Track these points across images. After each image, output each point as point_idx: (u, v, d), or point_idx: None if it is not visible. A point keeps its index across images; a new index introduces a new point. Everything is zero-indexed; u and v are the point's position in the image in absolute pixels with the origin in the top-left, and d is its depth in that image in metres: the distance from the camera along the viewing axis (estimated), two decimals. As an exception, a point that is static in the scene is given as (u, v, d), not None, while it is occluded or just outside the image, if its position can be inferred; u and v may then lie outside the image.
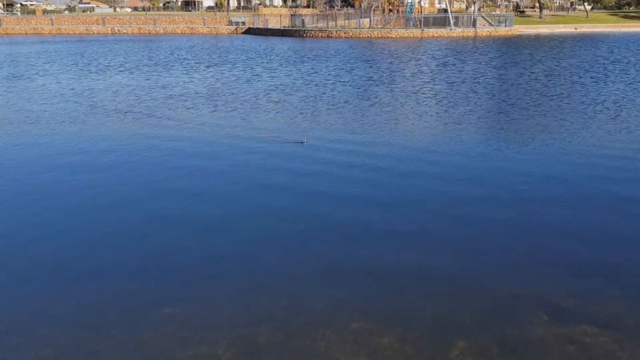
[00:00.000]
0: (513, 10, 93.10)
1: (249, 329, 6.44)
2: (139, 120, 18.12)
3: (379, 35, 64.17)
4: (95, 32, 77.31)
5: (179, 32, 78.36)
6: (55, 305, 6.95)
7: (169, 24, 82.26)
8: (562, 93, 22.92)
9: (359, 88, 24.71)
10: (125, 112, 19.35)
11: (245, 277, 7.61)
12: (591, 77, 27.61)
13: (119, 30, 78.00)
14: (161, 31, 78.23)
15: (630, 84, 25.55)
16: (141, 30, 78.11)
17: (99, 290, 7.32)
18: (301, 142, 14.42)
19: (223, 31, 79.24)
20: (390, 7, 79.88)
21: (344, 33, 65.50)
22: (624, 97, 21.65)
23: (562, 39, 52.38)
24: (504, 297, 7.08)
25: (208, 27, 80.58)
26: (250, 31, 78.36)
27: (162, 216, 9.73)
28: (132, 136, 15.76)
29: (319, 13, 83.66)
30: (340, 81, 27.23)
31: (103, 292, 7.25)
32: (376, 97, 22.17)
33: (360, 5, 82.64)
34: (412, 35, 64.15)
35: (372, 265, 7.94)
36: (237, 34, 76.41)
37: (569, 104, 20.40)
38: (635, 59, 36.56)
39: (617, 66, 32.34)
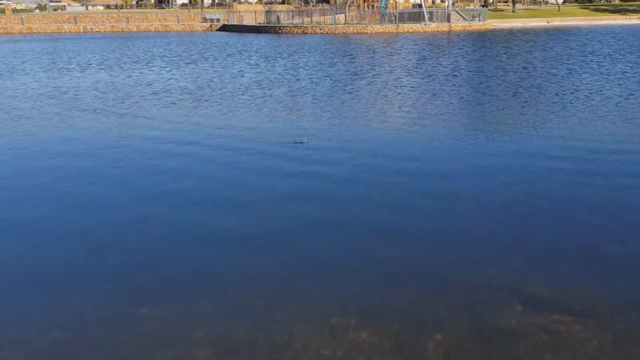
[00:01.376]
0: (482, 3, 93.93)
1: (228, 327, 6.44)
2: (127, 118, 17.91)
3: (355, 31, 64.29)
4: (67, 30, 76.07)
5: (153, 29, 77.58)
6: (31, 307, 6.87)
7: (142, 22, 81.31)
8: (540, 84, 23.21)
9: (341, 82, 24.73)
10: (111, 111, 19.11)
11: (223, 276, 7.60)
12: (567, 69, 28.01)
13: (91, 28, 76.90)
14: (134, 29, 77.37)
15: (605, 74, 26.01)
16: (114, 29, 77.14)
17: (76, 291, 7.25)
18: (301, 142, 13.90)
19: (198, 28, 78.63)
20: (366, 3, 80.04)
21: (320, 29, 65.51)
22: (601, 89, 21.99)
23: (535, 32, 53.05)
24: (480, 288, 7.18)
25: (182, 25, 79.89)
26: (225, 28, 77.91)
27: (141, 216, 9.66)
28: (120, 137, 15.57)
29: (294, 9, 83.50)
30: (325, 76, 27.22)
31: (80, 293, 7.18)
32: (358, 91, 22.21)
33: (336, 2, 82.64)
34: (387, 31, 64.38)
35: (348, 260, 7.99)
36: (212, 30, 75.91)
37: (544, 94, 20.68)
38: (608, 50, 37.18)
39: (591, 58, 32.85)
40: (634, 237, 8.54)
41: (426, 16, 66.95)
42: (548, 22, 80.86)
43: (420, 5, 72.18)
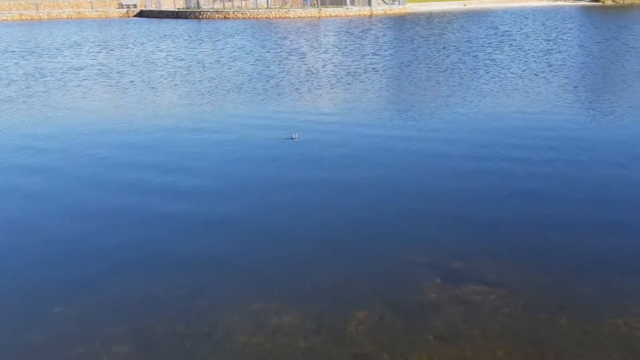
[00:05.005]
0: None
1: (146, 320, 6.26)
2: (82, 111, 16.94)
3: (277, 16, 63.75)
4: (-32, 19, 71.16)
5: (65, 17, 73.88)
6: None
7: (53, 9, 77.24)
8: (459, 65, 23.82)
9: (268, 67, 24.43)
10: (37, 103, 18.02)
11: (139, 268, 7.36)
12: (486, 50, 28.89)
13: (-4, 16, 72.22)
14: (45, 17, 73.40)
15: (522, 51, 27.21)
16: (22, 17, 72.85)
17: (-20, 295, 6.82)
18: (291, 138, 12.83)
19: (113, 15, 75.54)
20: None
21: (242, 14, 64.50)
22: (525, 68, 22.83)
23: (454, 15, 54.49)
24: (399, 264, 7.33)
25: (97, 11, 76.50)
26: (142, 14, 75.25)
27: (58, 213, 9.21)
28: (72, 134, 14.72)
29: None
30: (250, 62, 26.79)
31: (-16, 297, 6.77)
32: (279, 77, 22.03)
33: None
34: (310, 15, 64.23)
35: (270, 245, 7.95)
36: (128, 17, 73.18)
37: (462, 73, 21.26)
38: (523, 30, 38.70)
39: (509, 38, 34.06)
40: (535, 203, 8.95)
41: (348, 0, 67.30)
42: (465, 5, 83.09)
43: (341, -10, 72.32)
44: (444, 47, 30.30)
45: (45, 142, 13.42)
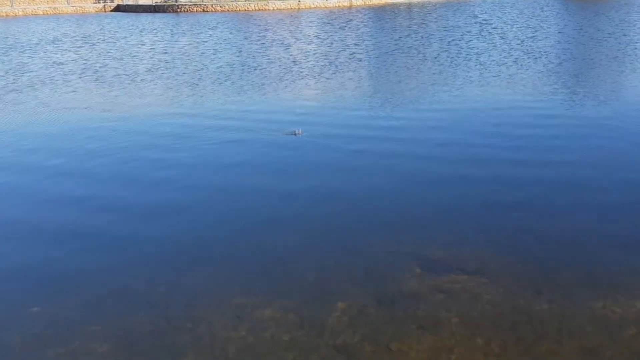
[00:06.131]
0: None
1: (126, 318, 6.21)
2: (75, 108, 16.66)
3: (256, 8, 63.34)
4: (-59, 17, 69.71)
5: (41, 13, 72.70)
6: None
7: (28, 5, 75.96)
8: (441, 54, 23.86)
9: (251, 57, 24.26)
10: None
11: (117, 267, 7.29)
12: (468, 38, 28.97)
13: (-31, 13, 70.86)
14: (20, 13, 72.13)
15: (502, 39, 27.39)
16: (-3, 13, 71.44)
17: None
18: (294, 134, 12.46)
19: (90, 10, 74.49)
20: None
21: (220, 7, 63.98)
22: (505, 55, 22.95)
23: (433, 5, 54.55)
24: (379, 255, 7.35)
25: (73, 7, 75.37)
26: (119, 8, 74.28)
27: (31, 201, 9.09)
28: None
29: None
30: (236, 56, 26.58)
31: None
32: (263, 69, 21.90)
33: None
34: (289, 7, 63.89)
35: (250, 238, 7.92)
36: (105, 12, 72.23)
37: (443, 61, 21.32)
38: (502, 19, 38.87)
39: (487, 26, 34.19)
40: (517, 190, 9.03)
41: (327, -9, 66.96)
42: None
43: (320, -19, 71.93)
44: (426, 37, 30.35)
45: (39, 139, 13.22)
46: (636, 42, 25.45)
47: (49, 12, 71.84)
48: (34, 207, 9.23)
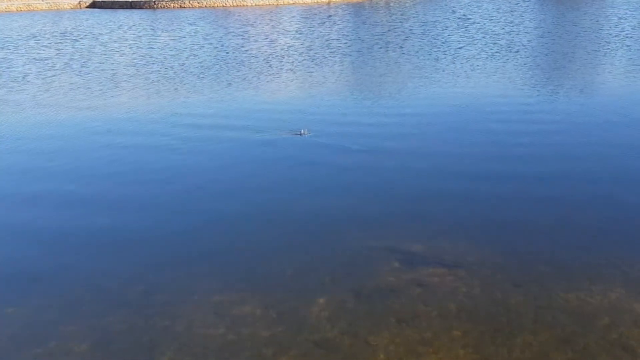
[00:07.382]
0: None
1: (104, 317, 6.15)
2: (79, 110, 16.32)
3: (234, 4, 62.92)
4: None
5: (15, 9, 71.38)
6: None
7: (2, 2, 74.50)
8: (423, 48, 23.94)
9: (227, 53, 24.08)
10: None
11: (94, 264, 7.21)
12: (444, 33, 29.12)
13: (-60, 10, 69.25)
14: (-7, 9, 70.64)
15: (481, 33, 27.65)
16: (-31, 9, 69.95)
17: None
18: (300, 134, 12.18)
19: (65, 6, 73.30)
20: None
21: (198, 3, 63.44)
22: (483, 49, 23.10)
23: (412, 0, 54.75)
24: (358, 250, 7.37)
25: (47, 3, 74.13)
26: (95, 5, 73.23)
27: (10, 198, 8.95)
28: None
29: (170, -17, 79.91)
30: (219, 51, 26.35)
31: None
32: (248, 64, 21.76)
33: (213, -26, 79.67)
34: (267, 3, 63.58)
35: (228, 235, 7.89)
36: (81, 8, 71.13)
37: (423, 56, 21.41)
38: (480, 14, 39.14)
39: (467, 21, 34.41)
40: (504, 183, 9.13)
41: (305, -13, 66.74)
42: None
43: (299, -24, 71.60)
44: (408, 31, 30.44)
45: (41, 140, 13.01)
46: (610, 37, 25.85)
47: (22, 9, 70.58)
48: (5, 206, 9.08)
